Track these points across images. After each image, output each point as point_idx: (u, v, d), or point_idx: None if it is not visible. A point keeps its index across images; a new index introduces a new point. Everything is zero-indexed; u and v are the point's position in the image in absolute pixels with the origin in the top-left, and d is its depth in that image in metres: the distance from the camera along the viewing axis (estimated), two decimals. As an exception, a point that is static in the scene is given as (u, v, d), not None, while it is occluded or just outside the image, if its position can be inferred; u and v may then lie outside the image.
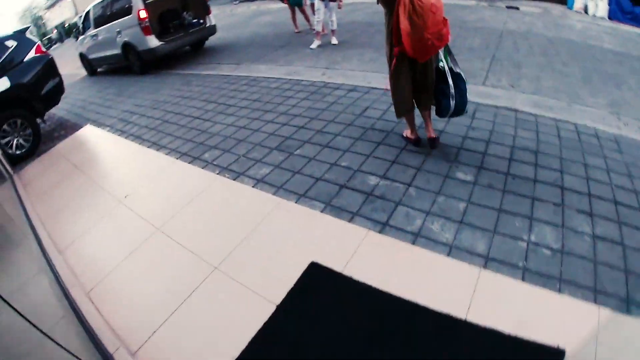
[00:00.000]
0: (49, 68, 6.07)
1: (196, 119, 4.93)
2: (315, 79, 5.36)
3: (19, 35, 6.02)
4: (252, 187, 3.18)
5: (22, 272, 2.65)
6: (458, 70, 2.84)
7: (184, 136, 4.47)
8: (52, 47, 32.92)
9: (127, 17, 7.89)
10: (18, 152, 5.21)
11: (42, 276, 2.68)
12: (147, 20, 7.46)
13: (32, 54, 5.93)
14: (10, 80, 5.24)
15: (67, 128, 6.10)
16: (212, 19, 8.68)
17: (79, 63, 10.80)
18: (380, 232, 2.50)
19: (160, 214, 3.10)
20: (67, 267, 2.77)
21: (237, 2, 18.40)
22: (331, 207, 2.79)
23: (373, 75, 5.19)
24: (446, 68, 2.81)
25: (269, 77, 5.84)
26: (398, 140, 3.50)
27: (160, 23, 8.43)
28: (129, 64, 8.63)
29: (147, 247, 2.79)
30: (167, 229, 2.92)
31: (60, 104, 7.24)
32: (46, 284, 2.58)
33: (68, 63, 11.93)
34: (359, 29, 8.31)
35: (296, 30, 8.96)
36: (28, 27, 6.58)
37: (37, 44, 6.05)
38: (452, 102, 2.83)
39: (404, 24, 2.51)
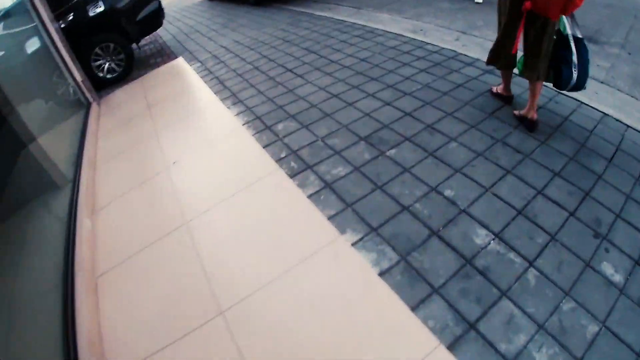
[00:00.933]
0: None
1: (289, 71, 4.12)
2: (445, 45, 4.11)
3: None
4: (310, 196, 2.33)
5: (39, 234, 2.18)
6: (580, 37, 2.36)
7: (266, 92, 3.72)
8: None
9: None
10: (109, 76, 5.07)
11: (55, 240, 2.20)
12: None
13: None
14: (104, 4, 4.92)
15: (163, 56, 5.77)
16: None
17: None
18: (452, 346, 1.52)
19: (196, 202, 2.43)
20: (89, 239, 2.26)
21: None
22: (405, 263, 1.85)
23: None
24: (569, 32, 2.35)
25: (388, 32, 4.70)
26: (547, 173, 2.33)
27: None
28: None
29: (164, 246, 2.16)
30: (194, 226, 2.24)
31: (169, 28, 6.95)
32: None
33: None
34: None
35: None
36: None
37: None
38: (575, 72, 2.38)
39: None
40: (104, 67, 4.99)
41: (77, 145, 3.37)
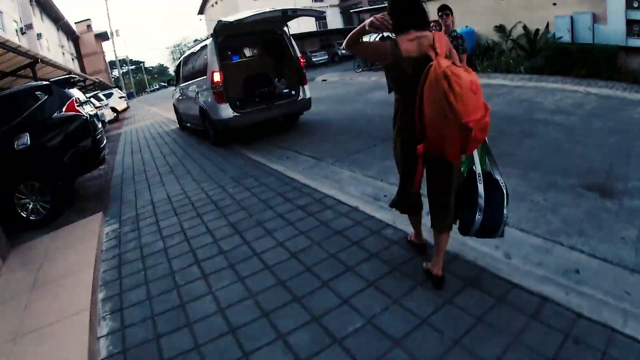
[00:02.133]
0: (79, 130, 4.98)
1: (195, 264, 2.95)
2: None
3: (55, 86, 4.84)
4: None
5: None
6: (497, 177, 2.09)
7: (156, 302, 2.50)
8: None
9: (203, 77, 6.51)
10: (32, 217, 4.57)
11: None
12: (220, 84, 5.88)
13: (63, 110, 4.95)
14: (30, 138, 4.50)
15: (97, 201, 5.21)
16: (307, 91, 6.85)
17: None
18: None
19: None
20: None
21: (360, 70, 17.02)
22: None
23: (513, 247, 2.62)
24: (478, 171, 2.05)
25: (341, 202, 3.58)
26: None
27: (245, 89, 6.91)
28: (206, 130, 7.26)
29: None
30: None
31: (129, 159, 7.05)
32: None
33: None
34: (494, 126, 5.66)
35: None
36: (71, 77, 5.53)
37: (71, 100, 4.86)
38: (479, 217, 2.05)
39: (434, 110, 1.80)
40: (28, 206, 4.52)
41: None
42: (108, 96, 19.65)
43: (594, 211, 3.01)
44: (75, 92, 5.50)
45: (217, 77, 5.91)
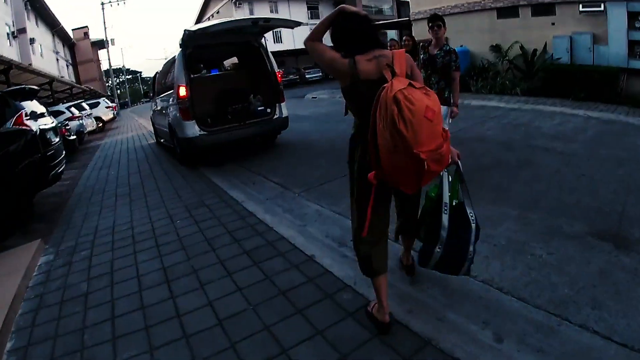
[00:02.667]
0: (26, 146, 4.46)
1: (109, 322, 2.23)
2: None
3: (4, 97, 4.49)
4: None
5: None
6: (470, 211, 1.89)
7: None
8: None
9: (171, 91, 5.92)
10: None
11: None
12: (186, 99, 5.27)
13: (10, 124, 4.43)
14: None
15: (46, 222, 4.61)
16: (284, 110, 6.23)
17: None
18: None
19: None
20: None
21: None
22: None
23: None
24: (445, 200, 1.88)
25: (296, 248, 2.96)
26: None
27: (217, 105, 6.32)
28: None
29: None
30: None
31: (96, 173, 6.76)
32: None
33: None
34: (487, 152, 5.10)
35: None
36: (28, 88, 4.97)
37: (20, 113, 4.46)
38: (439, 250, 1.89)
39: (384, 138, 1.59)
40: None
41: None
42: (94, 105, 18.92)
43: (608, 269, 2.38)
44: (31, 105, 5.02)
45: (182, 91, 5.31)
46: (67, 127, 10.12)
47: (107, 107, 21.34)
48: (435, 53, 3.93)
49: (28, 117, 4.62)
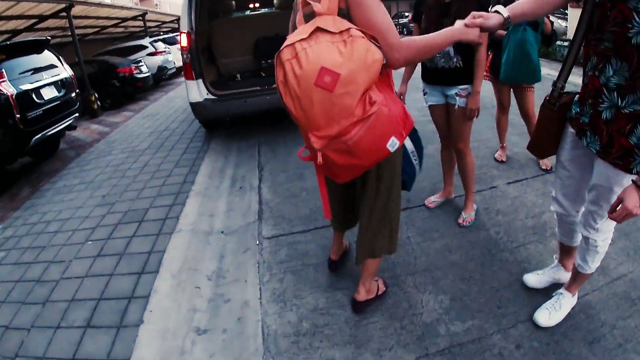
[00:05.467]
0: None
1: None
2: None
3: None
4: None
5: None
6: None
7: None
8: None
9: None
10: None
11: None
12: (186, 51, 3.93)
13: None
14: None
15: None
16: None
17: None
18: None
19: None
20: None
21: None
22: None
23: None
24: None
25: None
26: None
27: (252, 57, 4.92)
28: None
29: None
30: None
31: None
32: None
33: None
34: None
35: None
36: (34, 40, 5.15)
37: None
38: (416, 163, 1.79)
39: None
40: None
41: None
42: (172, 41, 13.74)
43: None
44: (30, 60, 4.84)
45: (184, 40, 4.03)
46: (139, 65, 9.60)
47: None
48: None
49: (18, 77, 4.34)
